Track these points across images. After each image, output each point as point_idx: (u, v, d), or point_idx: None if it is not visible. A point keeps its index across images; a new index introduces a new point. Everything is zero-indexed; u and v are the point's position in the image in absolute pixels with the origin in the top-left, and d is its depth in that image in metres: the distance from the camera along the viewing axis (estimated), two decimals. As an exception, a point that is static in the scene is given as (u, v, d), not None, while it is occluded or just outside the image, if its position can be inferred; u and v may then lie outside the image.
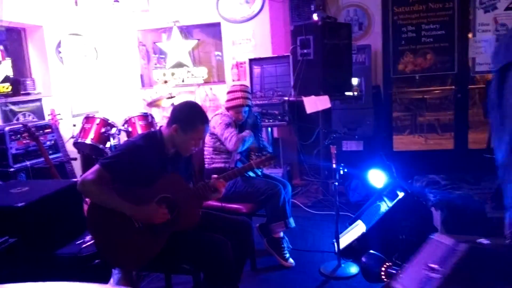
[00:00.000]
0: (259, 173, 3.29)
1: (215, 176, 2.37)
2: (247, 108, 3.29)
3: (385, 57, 5.15)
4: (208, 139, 3.29)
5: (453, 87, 5.34)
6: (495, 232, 3.06)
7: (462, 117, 5.13)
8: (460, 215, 2.92)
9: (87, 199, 2.43)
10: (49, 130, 4.23)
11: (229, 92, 3.32)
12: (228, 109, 3.29)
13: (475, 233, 2.91)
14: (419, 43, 5.04)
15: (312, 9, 4.50)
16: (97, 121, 4.40)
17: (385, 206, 3.23)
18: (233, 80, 5.46)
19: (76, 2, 4.84)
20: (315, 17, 4.30)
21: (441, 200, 3.00)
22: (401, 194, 3.12)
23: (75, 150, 4.58)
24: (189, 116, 2.29)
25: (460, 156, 4.95)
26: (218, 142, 3.23)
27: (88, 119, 4.44)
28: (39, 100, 4.74)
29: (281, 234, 3.18)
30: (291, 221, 3.15)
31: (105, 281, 2.62)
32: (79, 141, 4.36)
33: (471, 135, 5.23)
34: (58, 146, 4.28)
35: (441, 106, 7.30)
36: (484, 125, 4.96)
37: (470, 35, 5.09)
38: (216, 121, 3.21)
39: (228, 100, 3.30)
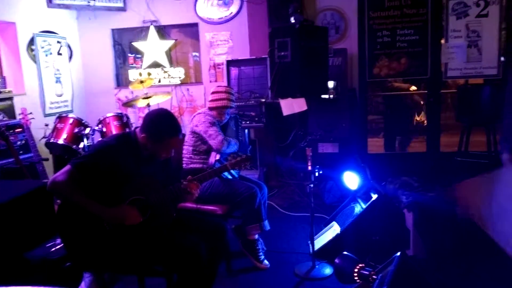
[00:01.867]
0: (236, 175, 3.29)
1: (190, 177, 2.35)
2: (230, 110, 3.31)
3: (360, 60, 5.22)
4: (188, 137, 3.27)
5: (426, 91, 5.47)
6: (464, 233, 3.15)
7: (434, 121, 5.25)
8: (432, 216, 2.98)
9: (58, 200, 2.38)
10: (20, 129, 4.12)
11: (213, 93, 3.31)
12: (211, 109, 3.28)
13: (445, 235, 2.99)
14: (394, 48, 5.13)
15: (290, 12, 4.52)
16: (70, 121, 4.31)
17: (359, 207, 3.27)
18: (210, 81, 5.44)
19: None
20: (292, 20, 4.33)
21: (413, 202, 3.05)
22: (374, 196, 3.16)
23: (47, 151, 4.47)
24: (158, 128, 2.24)
25: (432, 159, 5.05)
26: (199, 141, 3.20)
27: (61, 118, 4.35)
28: (10, 98, 4.61)
29: (256, 236, 3.18)
30: (266, 224, 3.15)
31: (76, 284, 2.57)
32: (51, 141, 4.26)
33: (443, 138, 5.35)
34: (29, 146, 4.16)
35: (416, 110, 7.43)
36: (456, 128, 5.08)
37: (442, 41, 5.21)
38: (200, 119, 3.20)
39: (212, 100, 3.29)
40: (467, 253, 3.03)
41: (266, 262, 3.16)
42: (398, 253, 2.13)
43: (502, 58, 5.29)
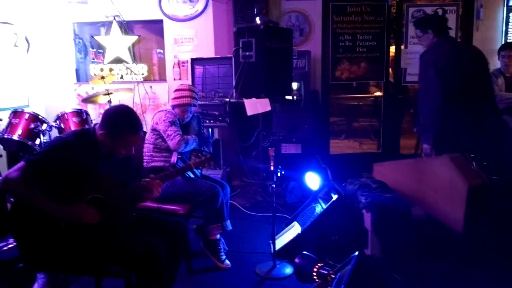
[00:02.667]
0: (198, 174, 3.27)
1: (152, 176, 2.32)
2: (192, 108, 3.32)
3: (323, 63, 5.32)
4: (149, 135, 3.24)
5: (382, 94, 5.66)
6: (419, 233, 3.26)
7: (392, 124, 5.44)
8: (389, 216, 3.07)
9: (11, 199, 2.29)
10: (-29, 124, 3.93)
11: (176, 90, 3.32)
12: (174, 106, 3.28)
13: (402, 234, 3.09)
14: (355, 52, 5.27)
15: (255, 12, 4.55)
16: (26, 116, 4.14)
17: (319, 208, 3.33)
18: (174, 79, 5.38)
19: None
20: (257, 20, 4.35)
21: (371, 202, 3.14)
22: (335, 197, 3.22)
23: (1, 147, 4.28)
24: (118, 124, 2.18)
25: (389, 159, 5.21)
26: (159, 139, 3.19)
27: (16, 113, 4.17)
28: (-40, 91, 4.39)
29: (218, 236, 3.18)
30: (228, 224, 3.15)
31: (29, 286, 2.48)
32: (5, 137, 4.08)
33: (401, 141, 5.54)
34: (-19, 141, 3.99)
35: (374, 113, 7.64)
36: (412, 132, 5.27)
37: (402, 47, 5.39)
38: (160, 118, 3.18)
39: (175, 98, 3.29)
40: (421, 252, 3.14)
41: (227, 262, 3.16)
42: (356, 253, 2.18)
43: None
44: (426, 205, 3.27)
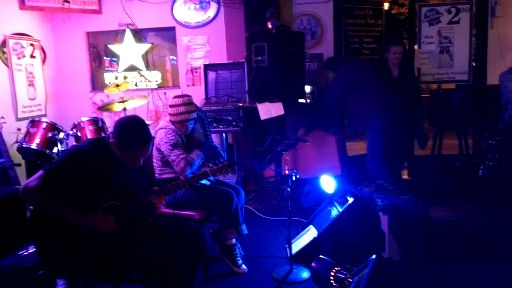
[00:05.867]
0: (213, 179, 3.28)
1: (156, 188, 2.32)
2: (193, 121, 3.19)
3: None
4: (155, 152, 3.14)
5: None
6: (437, 235, 3.22)
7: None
8: (406, 219, 3.04)
9: (31, 207, 2.33)
10: (-9, 134, 4.02)
11: (171, 106, 3.13)
12: (173, 122, 3.14)
13: (420, 236, 3.06)
14: (361, 54, 5.29)
15: (267, 16, 4.56)
16: (44, 125, 4.21)
17: (335, 211, 3.31)
18: (188, 85, 5.42)
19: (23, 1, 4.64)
20: (269, 25, 4.36)
21: (388, 205, 3.11)
22: (351, 200, 3.20)
23: (19, 156, 4.36)
24: (126, 136, 2.19)
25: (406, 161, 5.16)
26: (165, 157, 3.09)
27: (34, 123, 4.25)
28: (-20, 102, 4.49)
29: (234, 241, 3.18)
30: (244, 228, 3.15)
31: (49, 292, 2.51)
32: (24, 146, 4.15)
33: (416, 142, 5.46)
34: (0, 151, 4.06)
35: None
36: (429, 133, 5.20)
37: (416, 47, 5.34)
38: (161, 139, 3.06)
39: (171, 115, 3.13)
40: (440, 254, 3.10)
41: (244, 266, 3.15)
42: (374, 256, 2.17)
43: (474, 64, 5.46)
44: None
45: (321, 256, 2.37)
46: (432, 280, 2.82)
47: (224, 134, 4.85)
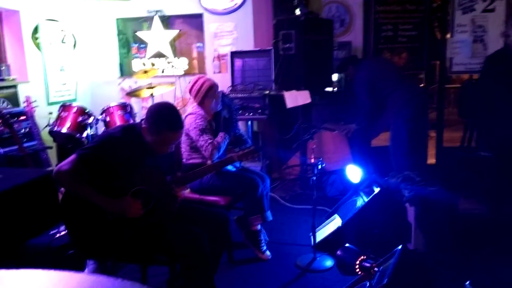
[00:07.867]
0: (238, 166, 3.30)
1: (179, 174, 2.35)
2: (219, 94, 3.17)
3: (365, 54, 5.22)
4: (183, 138, 3.15)
5: (424, 85, 5.48)
6: (465, 227, 3.16)
7: (438, 116, 5.25)
8: (433, 210, 2.99)
9: (62, 189, 2.39)
10: (24, 117, 4.13)
11: (192, 86, 3.16)
12: (200, 104, 3.14)
13: (448, 228, 3.01)
14: (396, 42, 5.15)
15: (295, 4, 4.51)
16: (74, 109, 4.31)
17: (361, 201, 3.28)
18: (214, 73, 5.44)
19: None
20: (297, 12, 4.31)
21: (415, 196, 3.06)
22: (377, 190, 3.17)
23: (51, 139, 4.49)
24: (157, 120, 2.21)
25: (434, 153, 5.06)
26: (193, 142, 3.12)
27: (65, 107, 4.36)
28: (14, 86, 4.62)
29: (259, 227, 3.20)
30: (269, 215, 3.17)
31: (80, 271, 2.59)
32: (55, 129, 4.27)
33: (445, 133, 5.34)
34: (33, 134, 4.18)
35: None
36: (459, 124, 5.07)
37: (448, 36, 5.19)
38: (191, 124, 3.08)
39: (196, 92, 3.13)
40: (467, 246, 3.05)
41: (268, 253, 3.18)
42: (400, 247, 2.15)
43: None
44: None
45: (346, 244, 2.36)
46: (459, 272, 2.78)
47: (249, 122, 4.85)
